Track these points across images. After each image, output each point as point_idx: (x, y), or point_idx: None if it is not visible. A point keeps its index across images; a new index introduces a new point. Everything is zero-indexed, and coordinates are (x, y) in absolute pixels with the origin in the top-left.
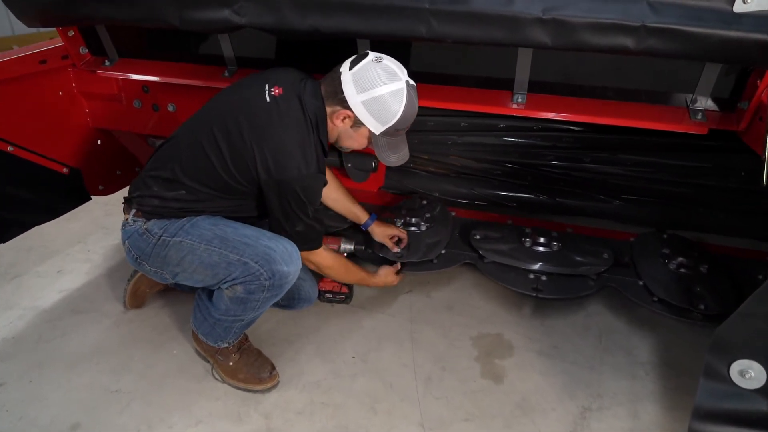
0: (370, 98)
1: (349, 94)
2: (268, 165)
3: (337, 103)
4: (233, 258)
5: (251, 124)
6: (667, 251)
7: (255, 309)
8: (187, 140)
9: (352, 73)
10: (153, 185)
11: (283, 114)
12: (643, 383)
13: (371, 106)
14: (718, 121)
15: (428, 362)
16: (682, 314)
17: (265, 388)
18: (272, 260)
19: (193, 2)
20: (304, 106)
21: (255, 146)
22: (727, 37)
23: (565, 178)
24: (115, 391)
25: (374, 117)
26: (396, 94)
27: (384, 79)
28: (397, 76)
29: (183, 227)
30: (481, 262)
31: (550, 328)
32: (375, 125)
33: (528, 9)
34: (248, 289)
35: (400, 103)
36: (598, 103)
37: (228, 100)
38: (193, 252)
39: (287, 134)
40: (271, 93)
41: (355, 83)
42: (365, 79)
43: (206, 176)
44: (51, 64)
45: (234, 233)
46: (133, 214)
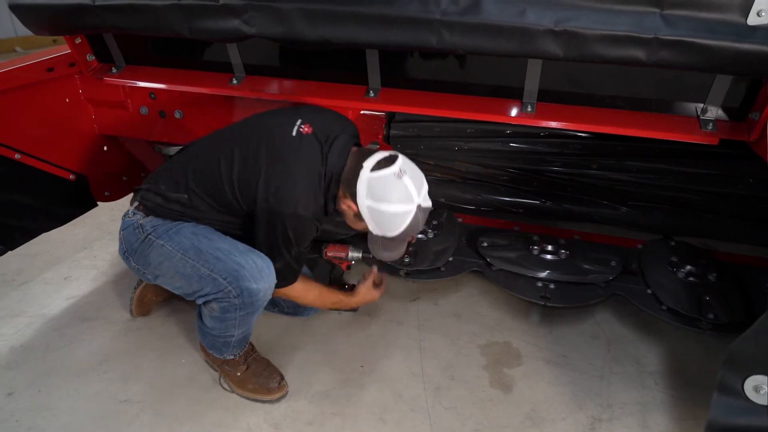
0: (376, 208)
1: (360, 193)
2: (269, 192)
3: (347, 191)
4: (204, 272)
5: (268, 150)
6: (676, 259)
7: (237, 326)
8: (207, 150)
9: (370, 177)
10: (161, 183)
11: (302, 153)
12: (653, 393)
13: (375, 215)
14: (728, 131)
15: (437, 371)
16: (691, 323)
17: (274, 398)
18: (240, 277)
19: (202, 12)
20: (326, 159)
21: (263, 171)
22: (741, 50)
23: (571, 184)
24: (124, 401)
25: (375, 223)
26: (402, 215)
27: (396, 198)
28: (411, 198)
29: (169, 231)
30: (489, 269)
31: (559, 336)
32: (374, 228)
33: (540, 20)
34: (222, 307)
35: (403, 224)
36: (607, 112)
37: (258, 123)
38: (170, 259)
39: (298, 172)
40: (299, 129)
41: (368, 187)
42: (379, 189)
43: (211, 188)
44: (58, 71)
45: (209, 245)
46: (135, 206)
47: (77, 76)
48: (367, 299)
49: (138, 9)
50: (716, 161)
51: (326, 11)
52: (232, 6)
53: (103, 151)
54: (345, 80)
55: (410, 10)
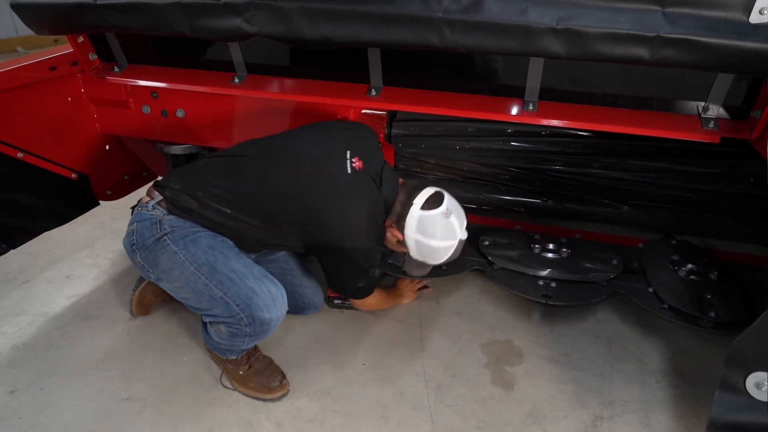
0: (423, 242)
1: (409, 227)
2: (337, 228)
3: (396, 223)
4: (216, 293)
5: (329, 188)
6: (677, 258)
7: (243, 345)
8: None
9: (421, 215)
10: (199, 189)
11: (361, 190)
12: (654, 391)
13: (421, 247)
14: (730, 129)
15: (438, 369)
16: (692, 321)
17: (275, 396)
18: (253, 306)
19: (203, 11)
20: (381, 189)
21: (327, 210)
22: (743, 48)
23: (573, 183)
24: (126, 399)
25: (419, 252)
26: (446, 249)
27: (442, 235)
28: (455, 234)
29: (185, 238)
30: (490, 268)
31: (560, 335)
32: (416, 255)
33: (542, 19)
34: (231, 331)
35: (445, 256)
36: (609, 110)
37: (308, 149)
38: (182, 270)
39: (363, 209)
40: (352, 165)
41: (418, 223)
42: (428, 227)
43: (261, 214)
44: (61, 70)
45: (224, 264)
46: (157, 200)
47: (79, 75)
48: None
49: (139, 8)
50: (718, 160)
51: (327, 10)
52: (234, 5)
53: (105, 150)
54: (346, 79)
55: (412, 8)
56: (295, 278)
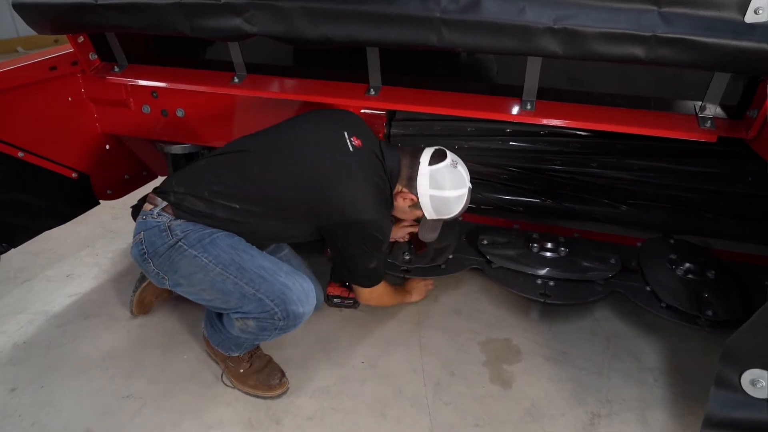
0: (437, 195)
1: (422, 185)
2: (348, 205)
3: (408, 185)
4: (248, 291)
5: (335, 166)
6: (675, 257)
7: (270, 337)
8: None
9: (431, 170)
10: (205, 189)
11: (365, 164)
12: (652, 389)
13: (436, 202)
14: (726, 128)
15: (437, 367)
16: (689, 320)
17: (274, 394)
18: (288, 300)
19: (204, 11)
20: (384, 162)
21: (334, 188)
22: (739, 48)
23: (571, 182)
24: (127, 397)
25: (434, 209)
26: (459, 199)
27: (454, 184)
28: (465, 182)
29: (202, 240)
30: (489, 267)
31: (558, 333)
32: (431, 214)
33: (539, 19)
34: (261, 326)
35: (459, 205)
36: (606, 110)
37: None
38: (206, 272)
39: (369, 182)
40: (353, 143)
41: (430, 179)
42: (439, 179)
43: (269, 203)
44: (61, 70)
45: (251, 263)
46: (162, 207)
47: (79, 74)
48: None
49: (140, 7)
50: (716, 160)
51: (327, 9)
52: (234, 4)
53: (106, 149)
54: (346, 78)
55: (411, 8)
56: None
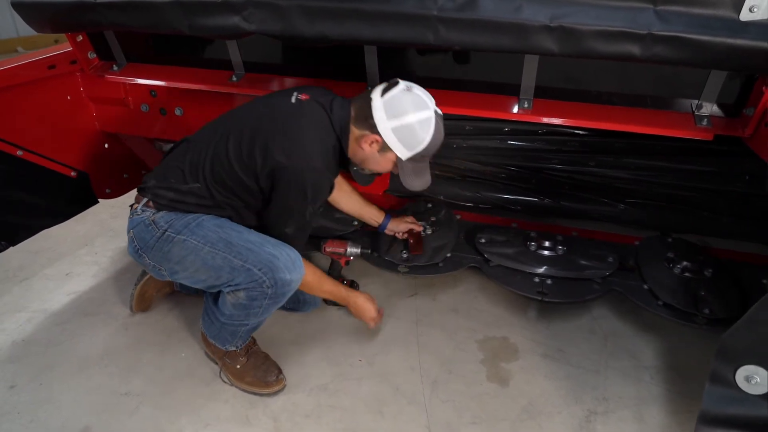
0: (399, 125)
1: (379, 119)
2: (282, 152)
3: (367, 127)
4: (237, 263)
5: (272, 120)
6: (672, 255)
7: (258, 315)
8: (211, 135)
9: (384, 100)
10: (170, 176)
11: (305, 113)
12: (649, 387)
13: (400, 133)
14: (723, 127)
15: (435, 365)
16: (686, 318)
17: (271, 391)
18: (275, 268)
19: (201, 9)
20: (331, 114)
21: (271, 139)
22: (734, 46)
23: (569, 181)
24: (125, 394)
25: (402, 143)
26: (424, 123)
27: (414, 107)
28: (426, 104)
29: (188, 225)
30: (487, 265)
31: (556, 331)
32: (402, 151)
33: (535, 17)
34: (250, 295)
35: (428, 131)
36: (603, 108)
37: (256, 104)
38: (197, 253)
39: (307, 129)
40: (298, 97)
41: (386, 110)
42: (396, 106)
43: (223, 171)
44: (60, 69)
45: (239, 238)
46: (143, 203)
47: (78, 73)
48: (365, 306)
49: (138, 6)
50: (714, 158)
51: (325, 8)
52: (232, 3)
53: (105, 148)
54: (344, 77)
55: (407, 6)
56: None
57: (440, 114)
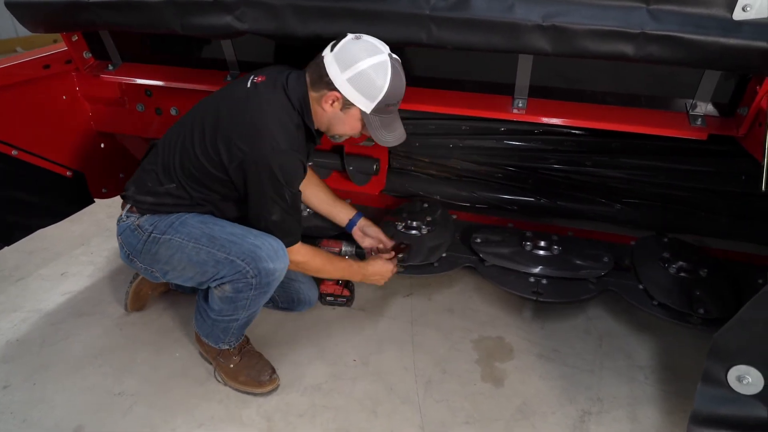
0: (354, 74)
1: (334, 74)
2: (244, 142)
3: (324, 86)
4: (221, 256)
5: (229, 108)
6: (668, 255)
7: (246, 308)
8: (177, 134)
9: (334, 53)
10: (147, 180)
11: (261, 96)
12: (643, 387)
13: (357, 82)
14: (717, 126)
15: (429, 365)
16: (681, 318)
17: (265, 390)
18: (258, 258)
19: (194, 8)
20: (287, 91)
21: (231, 127)
22: (727, 45)
23: (566, 181)
24: (119, 394)
25: (362, 93)
26: (380, 67)
27: (366, 53)
28: (379, 49)
29: (172, 225)
30: (482, 265)
31: (551, 331)
32: (364, 102)
33: (528, 16)
34: (236, 287)
35: (386, 76)
36: (598, 108)
37: (216, 94)
38: (182, 250)
39: (263, 112)
40: (254, 81)
41: (338, 62)
42: (347, 56)
43: (193, 167)
44: (54, 68)
45: (221, 231)
46: (127, 209)
47: (74, 73)
48: (382, 271)
49: (132, 6)
50: (710, 158)
51: (318, 7)
52: (224, 2)
53: (100, 148)
54: None
55: (400, 5)
56: (291, 273)
57: (396, 58)
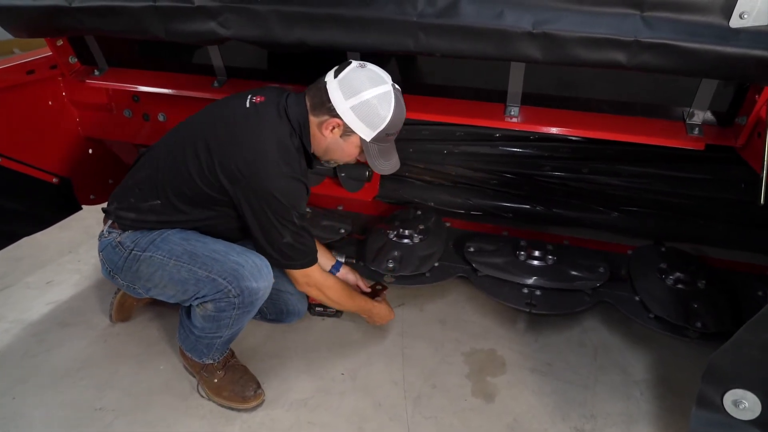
0: (358, 103)
1: (337, 101)
2: (242, 168)
3: (325, 112)
4: (202, 274)
5: (227, 130)
6: (665, 266)
7: (229, 326)
8: (166, 149)
9: (338, 80)
10: (130, 196)
11: (261, 117)
12: (638, 403)
13: (360, 111)
14: (715, 136)
15: (419, 379)
16: (678, 332)
17: (249, 406)
18: (240, 276)
19: (177, 14)
20: (287, 112)
21: (229, 150)
22: (724, 54)
23: (562, 188)
24: (99, 409)
25: (364, 122)
26: (384, 97)
27: (370, 83)
28: (383, 79)
29: (154, 241)
30: (475, 275)
31: (545, 344)
32: (365, 131)
33: (518, 23)
34: (218, 306)
35: (389, 106)
36: (592, 116)
37: (211, 111)
38: (163, 268)
39: (263, 135)
40: (252, 101)
41: (342, 90)
42: (352, 84)
43: (183, 186)
44: (39, 74)
45: (203, 248)
46: (109, 225)
47: (60, 78)
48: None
49: (114, 11)
50: (709, 166)
51: (302, 13)
52: (208, 8)
53: (88, 153)
54: None
55: (386, 12)
56: (280, 284)
57: (398, 89)
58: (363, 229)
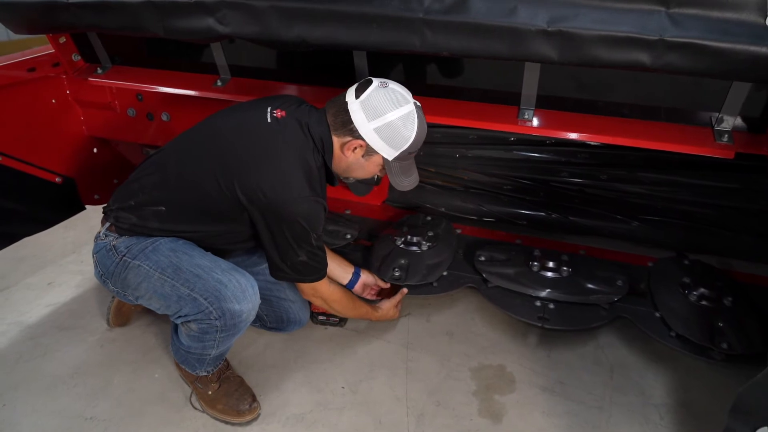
0: (382, 125)
1: (360, 122)
2: (264, 188)
3: (348, 133)
4: (184, 292)
5: (249, 146)
6: (688, 280)
7: (215, 347)
8: (177, 156)
9: (360, 101)
10: (133, 198)
11: (285, 135)
12: (657, 428)
13: (383, 133)
14: (746, 143)
15: (423, 395)
16: (702, 352)
17: (244, 420)
18: (222, 297)
19: (175, 10)
20: (310, 130)
21: (251, 168)
22: (759, 54)
23: (579, 195)
24: (90, 419)
25: (387, 143)
26: (407, 118)
27: (393, 104)
28: (405, 99)
29: (144, 250)
30: (485, 286)
31: (557, 360)
32: (388, 151)
33: (532, 20)
34: (201, 328)
35: (413, 127)
36: (612, 121)
37: (227, 118)
38: (148, 279)
39: (288, 157)
40: (273, 115)
41: (365, 111)
42: (374, 105)
43: (193, 196)
44: (40, 71)
45: (189, 262)
46: (106, 227)
47: (64, 76)
48: (389, 316)
49: (112, 7)
50: (736, 174)
51: (302, 9)
52: (206, 4)
53: (93, 153)
54: (333, 83)
55: (391, 8)
56: (281, 291)
57: (419, 106)
58: (370, 234)
